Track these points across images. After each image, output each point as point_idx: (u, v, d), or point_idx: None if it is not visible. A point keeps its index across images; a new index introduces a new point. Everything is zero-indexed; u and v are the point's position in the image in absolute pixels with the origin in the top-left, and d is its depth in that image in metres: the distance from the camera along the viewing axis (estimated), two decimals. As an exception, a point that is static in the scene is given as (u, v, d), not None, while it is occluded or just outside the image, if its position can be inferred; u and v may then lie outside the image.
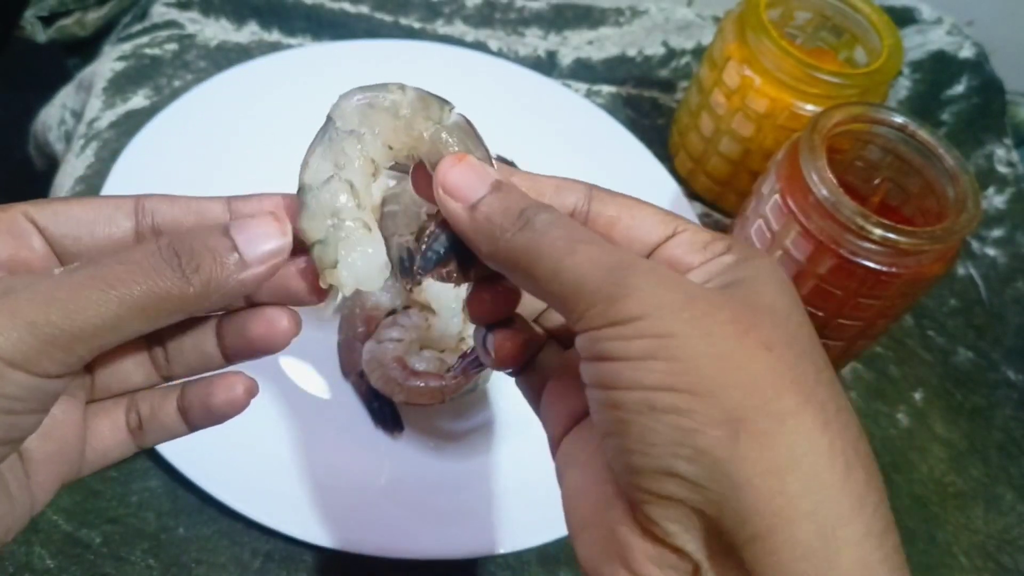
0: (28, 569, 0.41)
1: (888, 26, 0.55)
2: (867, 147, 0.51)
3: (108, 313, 0.23)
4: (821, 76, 0.51)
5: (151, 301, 0.24)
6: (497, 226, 0.26)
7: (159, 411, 0.29)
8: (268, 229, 0.26)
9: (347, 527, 0.43)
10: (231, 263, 0.25)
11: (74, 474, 0.28)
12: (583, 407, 0.27)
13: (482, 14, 0.71)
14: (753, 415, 0.22)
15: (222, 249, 0.25)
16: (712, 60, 0.57)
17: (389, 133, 0.29)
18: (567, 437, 0.28)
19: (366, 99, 0.29)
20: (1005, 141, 0.68)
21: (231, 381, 0.28)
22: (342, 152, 0.29)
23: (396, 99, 0.29)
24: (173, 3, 0.65)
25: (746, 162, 0.57)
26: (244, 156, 0.56)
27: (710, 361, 0.23)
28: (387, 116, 0.29)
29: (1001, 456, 0.55)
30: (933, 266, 0.46)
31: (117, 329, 0.24)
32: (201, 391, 0.28)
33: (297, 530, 0.43)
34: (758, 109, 0.54)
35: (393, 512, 0.45)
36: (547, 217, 0.25)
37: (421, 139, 0.29)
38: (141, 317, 0.24)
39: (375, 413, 0.47)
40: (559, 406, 0.29)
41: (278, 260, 0.26)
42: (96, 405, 0.28)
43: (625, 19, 0.73)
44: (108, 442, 0.28)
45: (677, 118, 0.63)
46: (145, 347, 0.29)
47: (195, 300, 0.24)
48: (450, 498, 0.46)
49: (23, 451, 0.26)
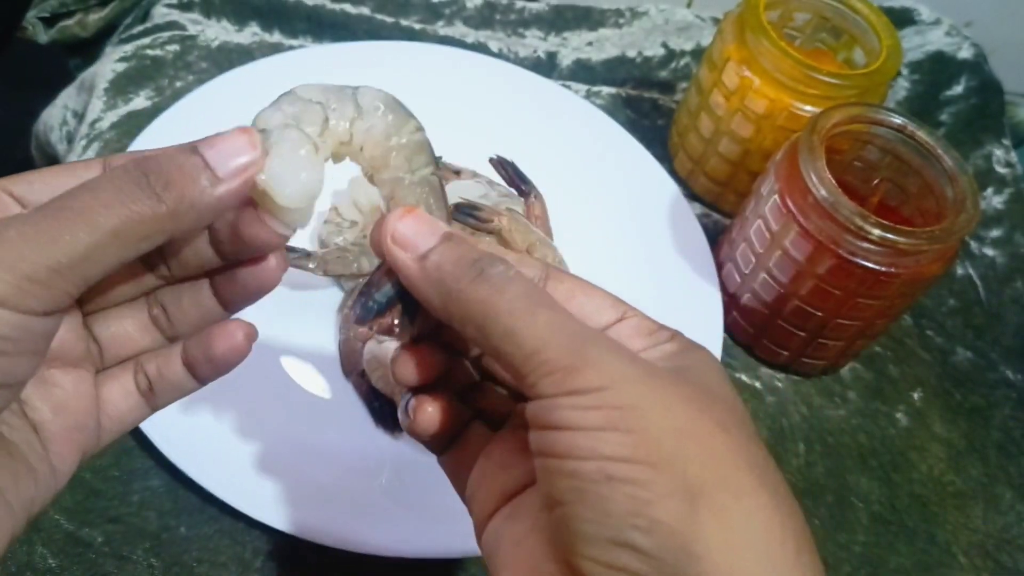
0: (30, 568, 0.41)
1: (887, 27, 0.55)
2: (866, 147, 0.51)
3: (82, 242, 0.23)
4: (820, 77, 0.52)
5: (124, 225, 0.23)
6: (449, 275, 0.25)
7: (166, 370, 0.28)
8: (238, 143, 0.25)
9: (348, 526, 0.44)
10: (203, 179, 0.24)
11: (93, 444, 0.27)
12: (514, 485, 0.27)
13: (482, 15, 0.71)
14: (711, 489, 0.22)
15: (191, 166, 0.25)
16: (711, 61, 0.57)
17: (351, 124, 0.28)
18: (495, 516, 0.28)
19: (337, 87, 0.29)
20: (1004, 142, 0.68)
21: (230, 329, 0.28)
22: (305, 112, 0.28)
23: (369, 101, 0.29)
24: (174, 4, 0.66)
25: (745, 163, 0.58)
26: (245, 157, 0.56)
27: (670, 434, 0.23)
28: (351, 107, 0.28)
29: (1000, 455, 0.55)
30: (932, 266, 0.46)
31: (94, 259, 0.23)
32: (202, 343, 0.28)
33: (299, 529, 0.43)
34: (757, 110, 0.54)
35: (394, 511, 0.45)
36: (502, 270, 0.25)
37: (386, 165, 0.28)
38: (117, 244, 0.23)
39: (375, 412, 0.48)
40: (489, 484, 0.28)
41: (250, 173, 0.25)
42: (105, 374, 0.28)
43: (625, 20, 0.73)
44: (122, 408, 0.28)
45: (676, 119, 0.63)
46: (146, 309, 0.28)
47: (169, 219, 0.24)
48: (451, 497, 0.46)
49: (37, 426, 0.26)
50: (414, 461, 0.47)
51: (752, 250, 0.51)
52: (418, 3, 0.70)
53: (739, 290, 0.54)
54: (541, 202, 0.56)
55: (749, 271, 0.52)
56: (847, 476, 0.52)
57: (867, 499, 0.51)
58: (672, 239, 0.57)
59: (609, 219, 0.58)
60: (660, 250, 0.57)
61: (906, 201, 0.51)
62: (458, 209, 0.52)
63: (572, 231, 0.57)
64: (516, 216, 0.53)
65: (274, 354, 0.49)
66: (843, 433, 0.54)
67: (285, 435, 0.46)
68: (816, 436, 0.53)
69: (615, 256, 0.57)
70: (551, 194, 0.58)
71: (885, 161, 0.51)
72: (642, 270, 0.56)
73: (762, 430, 0.52)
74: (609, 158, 0.61)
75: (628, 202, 0.59)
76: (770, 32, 0.53)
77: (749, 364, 0.55)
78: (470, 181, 0.56)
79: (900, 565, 0.49)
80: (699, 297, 0.55)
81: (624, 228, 0.58)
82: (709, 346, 0.54)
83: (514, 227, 0.52)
